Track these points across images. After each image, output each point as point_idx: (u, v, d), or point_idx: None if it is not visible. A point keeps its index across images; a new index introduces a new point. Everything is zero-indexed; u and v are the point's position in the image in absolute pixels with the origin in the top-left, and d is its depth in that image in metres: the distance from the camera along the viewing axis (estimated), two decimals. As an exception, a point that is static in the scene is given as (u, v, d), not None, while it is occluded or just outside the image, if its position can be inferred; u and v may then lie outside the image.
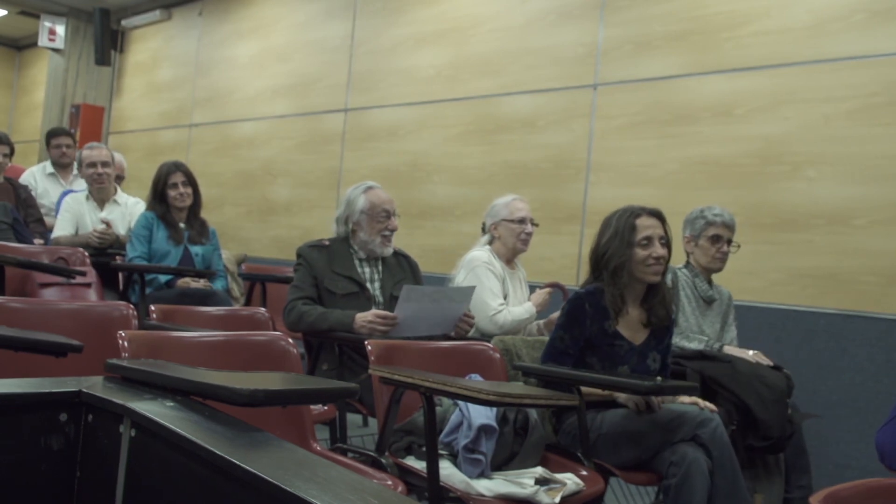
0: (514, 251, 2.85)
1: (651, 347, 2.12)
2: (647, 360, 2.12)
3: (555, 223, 4.01)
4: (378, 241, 2.63)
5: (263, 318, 2.41)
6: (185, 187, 3.37)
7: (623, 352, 2.14)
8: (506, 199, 2.89)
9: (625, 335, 2.15)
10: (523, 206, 2.87)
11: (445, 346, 2.24)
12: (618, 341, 2.14)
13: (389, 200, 2.66)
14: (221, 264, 3.52)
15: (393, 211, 2.65)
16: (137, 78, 6.87)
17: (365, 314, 2.44)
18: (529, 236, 2.84)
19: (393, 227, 2.64)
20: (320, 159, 5.21)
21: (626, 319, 2.15)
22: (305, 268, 2.57)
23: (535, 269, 3.15)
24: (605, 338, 2.14)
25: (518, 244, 2.85)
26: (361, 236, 2.64)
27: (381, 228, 2.62)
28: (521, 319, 2.73)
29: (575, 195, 3.96)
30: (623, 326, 2.15)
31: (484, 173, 4.31)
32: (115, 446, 1.01)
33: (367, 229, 2.63)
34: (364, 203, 2.63)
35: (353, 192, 2.67)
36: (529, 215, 2.85)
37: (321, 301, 2.54)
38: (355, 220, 2.64)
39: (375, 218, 2.62)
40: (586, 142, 3.95)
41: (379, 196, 2.64)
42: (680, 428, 1.96)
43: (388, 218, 2.63)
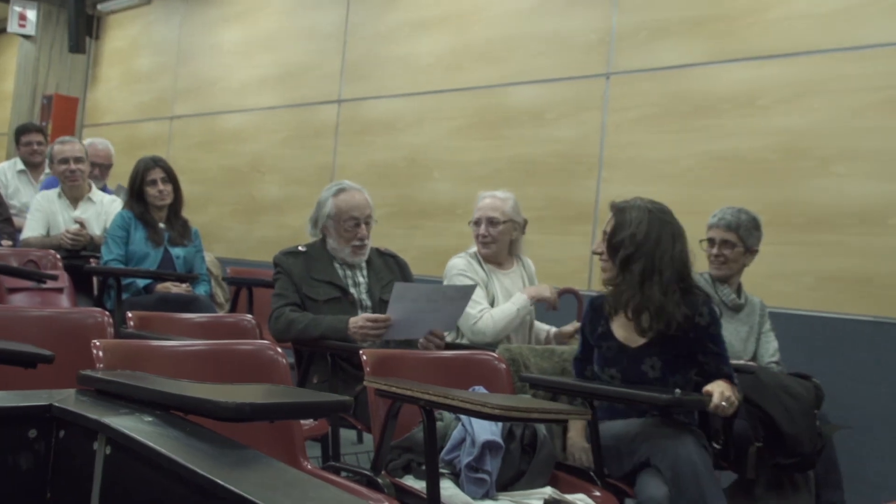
0: (485, 255, 2.82)
1: (650, 353, 2.11)
2: (641, 365, 2.11)
3: (564, 223, 4.01)
4: (347, 250, 2.63)
5: (250, 326, 2.41)
6: (164, 184, 3.37)
7: (612, 353, 2.15)
8: (480, 195, 2.89)
9: (617, 336, 2.15)
10: (482, 205, 2.84)
11: (446, 356, 2.23)
12: (607, 342, 2.16)
13: (360, 206, 2.63)
14: (204, 267, 3.51)
15: (364, 218, 2.62)
16: (114, 67, 6.88)
17: (356, 319, 2.44)
18: (485, 240, 2.80)
19: (362, 236, 2.62)
20: (312, 154, 5.21)
21: (622, 320, 2.15)
22: (284, 275, 2.59)
23: (542, 272, 3.14)
24: (598, 338, 2.18)
25: (479, 248, 2.84)
26: (331, 242, 2.66)
27: (349, 238, 2.62)
28: (509, 316, 2.71)
29: (586, 193, 3.96)
30: (618, 327, 2.16)
31: (488, 169, 4.31)
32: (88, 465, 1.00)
33: (334, 236, 2.64)
34: (331, 208, 2.63)
35: (324, 194, 2.67)
36: (487, 214, 2.80)
37: (304, 309, 2.55)
38: (323, 225, 2.65)
39: (342, 226, 2.61)
40: (598, 136, 3.94)
41: (348, 201, 2.62)
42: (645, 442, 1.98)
43: (356, 226, 2.62)
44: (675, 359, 2.11)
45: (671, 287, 2.07)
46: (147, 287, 3.25)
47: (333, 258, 2.65)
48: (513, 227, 2.85)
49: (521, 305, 2.74)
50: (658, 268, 2.07)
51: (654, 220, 2.09)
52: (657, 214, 2.11)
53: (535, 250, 3.56)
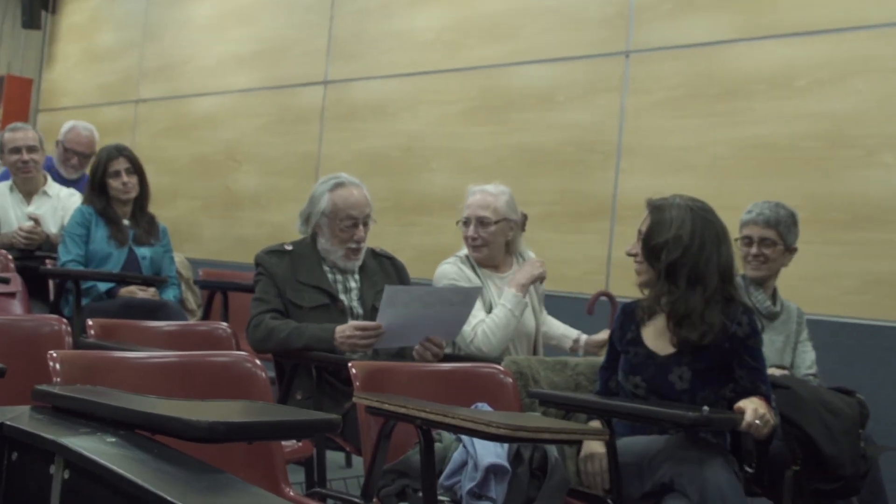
0: (478, 259, 2.80)
1: (679, 363, 2.13)
2: (669, 374, 2.13)
3: (578, 220, 4.01)
4: (341, 253, 2.63)
5: (225, 335, 2.41)
6: (129, 176, 3.37)
7: (638, 360, 2.16)
8: (470, 190, 2.86)
9: (647, 342, 2.17)
10: (471, 202, 2.81)
11: (446, 369, 2.24)
12: (635, 348, 2.17)
13: (359, 204, 2.62)
14: (174, 269, 3.51)
15: (362, 218, 2.62)
16: (73, 44, 6.88)
17: (343, 327, 2.45)
18: (475, 243, 2.78)
19: (359, 238, 2.62)
20: (294, 142, 5.21)
21: (655, 326, 2.17)
22: (266, 277, 2.58)
23: (551, 275, 3.14)
24: (626, 344, 2.20)
25: (470, 251, 2.82)
26: (323, 242, 2.65)
27: (345, 239, 2.61)
28: (504, 322, 2.68)
29: (602, 185, 3.96)
30: (649, 333, 2.18)
31: (491, 159, 4.31)
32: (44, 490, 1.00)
33: (328, 235, 2.63)
34: (326, 204, 2.62)
35: (319, 188, 2.66)
36: (477, 213, 2.77)
37: (288, 316, 2.55)
38: (316, 223, 2.64)
39: (337, 225, 2.61)
40: (616, 121, 3.95)
41: (346, 198, 2.61)
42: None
43: (353, 227, 2.61)
44: (706, 371, 2.12)
45: (715, 296, 2.09)
46: (109, 291, 3.25)
47: (323, 260, 2.65)
48: (507, 226, 2.82)
49: (512, 304, 2.71)
50: (703, 274, 2.08)
51: (697, 220, 2.11)
52: (700, 213, 2.12)
53: (545, 251, 3.56)
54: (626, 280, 3.77)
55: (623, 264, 3.88)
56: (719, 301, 2.10)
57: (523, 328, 2.80)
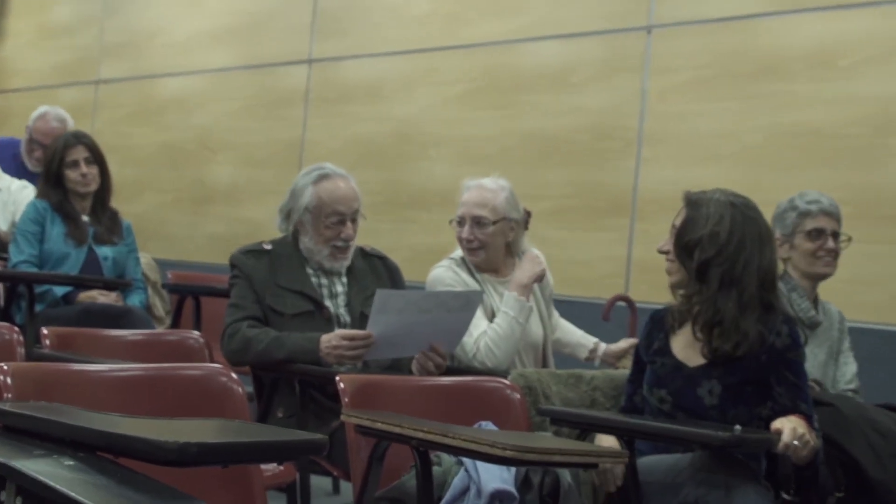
0: (475, 263, 2.79)
1: (709, 375, 2.13)
2: (697, 388, 2.14)
3: (594, 216, 4.01)
4: (325, 252, 2.63)
5: (197, 346, 2.42)
6: (89, 166, 3.37)
7: (665, 371, 2.18)
8: (465, 185, 2.84)
9: (675, 352, 2.18)
10: (466, 199, 2.79)
11: (445, 383, 2.24)
12: (662, 358, 2.19)
13: (347, 198, 2.62)
14: (139, 272, 3.51)
15: (350, 214, 2.62)
16: (25, 18, 6.87)
17: (329, 336, 2.45)
18: (471, 245, 2.76)
19: (347, 236, 2.62)
20: (275, 128, 5.21)
21: (685, 335, 2.18)
22: (243, 281, 2.59)
23: (564, 278, 3.15)
24: (653, 353, 2.21)
25: (466, 255, 2.80)
26: (305, 241, 2.65)
27: (331, 237, 2.61)
28: (508, 331, 2.67)
29: (622, 177, 3.96)
30: (678, 342, 2.19)
31: (497, 147, 4.31)
32: (-7, 521, 1.00)
33: (311, 234, 2.63)
34: (310, 198, 2.62)
35: (301, 180, 2.66)
36: (472, 212, 2.75)
37: (267, 324, 2.55)
38: (298, 219, 2.64)
39: (322, 222, 2.61)
40: (637, 104, 3.94)
41: (332, 192, 2.61)
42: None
43: (340, 224, 2.61)
44: (739, 386, 2.13)
45: (752, 302, 2.10)
46: (67, 296, 3.25)
47: (306, 261, 2.65)
48: (507, 226, 2.79)
49: (515, 310, 2.70)
50: (740, 277, 2.10)
51: (738, 217, 2.12)
52: (742, 210, 2.14)
53: (557, 250, 3.56)
54: (648, 283, 3.80)
55: (645, 266, 3.88)
56: (756, 308, 2.11)
57: (529, 337, 2.80)
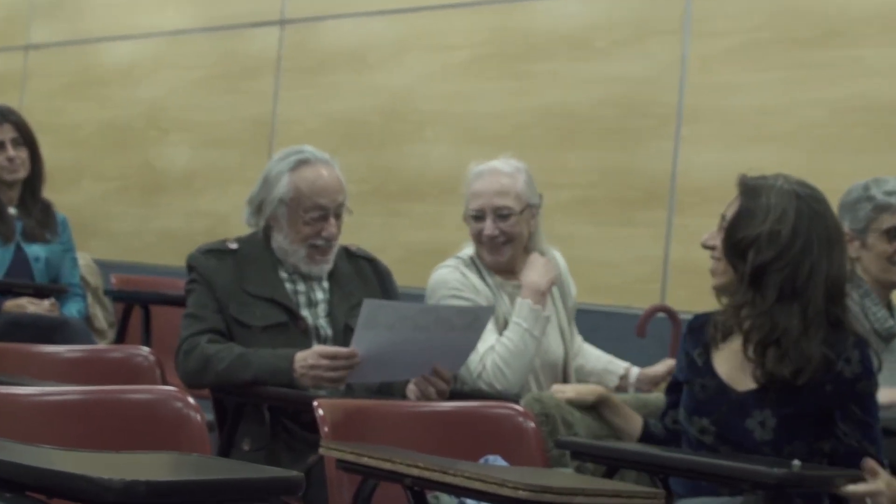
0: (493, 263, 2.80)
1: (761, 404, 2.12)
2: (746, 418, 2.13)
3: (624, 208, 4.01)
4: (303, 253, 2.63)
5: (146, 364, 2.42)
6: (16, 149, 3.37)
7: (706, 395, 2.17)
8: (473, 171, 2.85)
9: (719, 371, 2.17)
10: (482, 189, 2.78)
11: (445, 409, 2.25)
12: (702, 378, 2.18)
13: (330, 189, 2.62)
14: (77, 275, 3.51)
15: (334, 208, 2.62)
16: (-61, -30, 6.86)
17: (305, 354, 2.44)
18: (493, 241, 2.76)
19: (329, 234, 2.62)
20: (241, 103, 5.20)
21: (731, 350, 2.17)
22: (203, 286, 2.59)
23: (588, 283, 3.14)
24: (692, 372, 2.20)
25: (484, 254, 2.81)
26: (279, 240, 2.65)
27: (310, 235, 2.62)
28: (522, 346, 2.67)
29: (657, 161, 3.96)
30: (723, 359, 2.18)
31: (507, 126, 4.31)
32: None
33: (286, 231, 2.63)
34: (286, 188, 2.62)
35: (276, 166, 2.67)
36: (493, 203, 2.75)
37: (232, 338, 2.55)
38: (271, 213, 2.64)
39: (300, 217, 2.61)
40: (676, 74, 3.94)
41: (313, 182, 2.62)
42: None
43: (321, 219, 2.61)
44: (798, 418, 2.12)
45: (818, 319, 2.09)
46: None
47: (280, 263, 2.66)
48: (530, 214, 2.82)
49: (530, 322, 2.70)
50: (803, 288, 2.08)
51: (804, 211, 2.10)
52: (808, 203, 2.12)
53: (579, 250, 3.56)
54: (689, 289, 3.78)
55: (685, 268, 3.88)
56: (822, 326, 2.09)
57: (547, 355, 2.80)
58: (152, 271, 4.86)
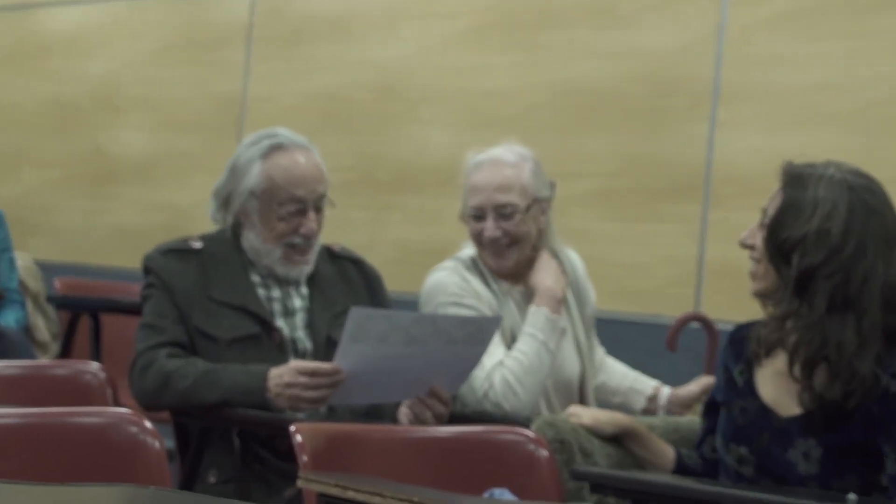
0: (498, 267, 2.82)
1: (806, 432, 2.13)
2: (789, 448, 2.13)
3: (653, 200, 4.02)
4: (278, 253, 2.64)
5: (96, 382, 2.41)
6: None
7: (746, 420, 2.17)
8: (471, 162, 2.86)
9: (762, 393, 2.18)
10: (481, 182, 2.80)
11: (443, 435, 2.25)
12: (743, 400, 2.19)
13: (309, 179, 2.64)
14: (15, 279, 3.52)
15: (313, 201, 2.64)
16: None
17: (280, 370, 2.45)
18: (496, 244, 2.78)
19: (309, 231, 2.64)
20: (206, 78, 5.22)
21: (775, 368, 2.18)
22: (161, 292, 2.60)
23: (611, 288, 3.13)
24: (731, 392, 2.21)
25: (486, 257, 2.82)
26: (251, 238, 2.67)
27: (286, 232, 2.63)
28: (535, 360, 2.68)
29: (690, 146, 3.97)
30: (766, 379, 2.19)
31: (517, 105, 4.32)
32: None
33: (259, 227, 2.65)
34: (258, 178, 2.64)
35: (246, 152, 2.68)
36: (495, 200, 2.76)
37: (195, 353, 2.56)
38: (240, 207, 2.66)
39: (274, 211, 2.62)
40: (712, 45, 3.95)
41: (290, 170, 2.64)
42: None
43: (299, 214, 2.63)
44: (847, 450, 2.12)
45: (874, 333, 2.08)
46: (-86, 314, 3.27)
47: (251, 265, 2.67)
48: (539, 210, 2.83)
49: (546, 333, 2.71)
50: (857, 296, 2.08)
51: (857, 207, 2.10)
52: (862, 197, 2.11)
53: (600, 249, 3.57)
54: (728, 294, 3.79)
55: (723, 270, 3.88)
56: (877, 342, 2.09)
57: (561, 372, 2.81)
58: (103, 274, 4.86)
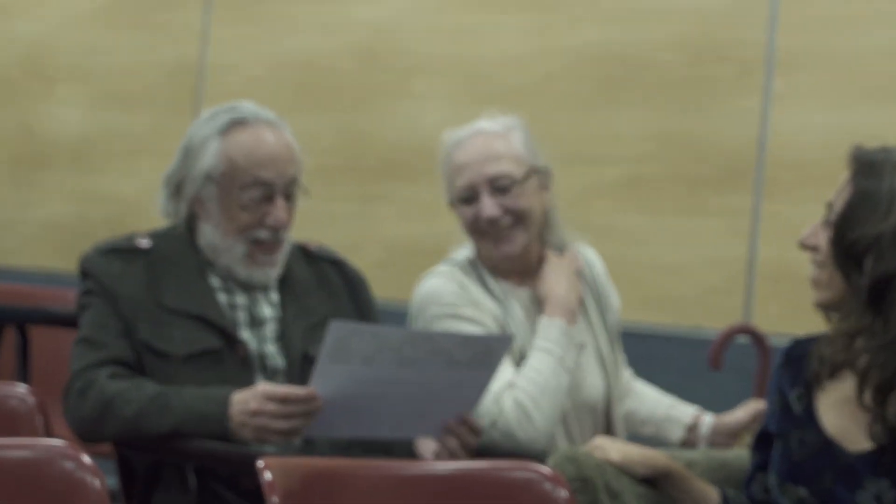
0: (503, 259, 2.84)
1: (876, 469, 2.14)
2: (857, 489, 2.14)
3: (694, 188, 4.04)
4: (240, 250, 2.66)
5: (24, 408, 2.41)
6: None
7: (807, 455, 2.18)
8: (450, 141, 2.90)
9: (825, 424, 2.19)
10: (466, 157, 2.83)
11: (444, 471, 2.26)
12: (801, 431, 2.20)
13: (276, 158, 2.66)
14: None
15: (282, 185, 2.66)
16: None
17: (245, 396, 2.45)
18: (496, 225, 2.80)
19: (277, 221, 2.65)
20: (155, 43, 5.23)
21: (841, 393, 2.18)
22: (102, 300, 2.61)
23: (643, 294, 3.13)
24: (787, 422, 2.21)
25: (488, 248, 2.85)
26: (208, 233, 2.69)
27: (249, 223, 2.65)
28: (551, 379, 2.70)
29: (739, 124, 3.98)
30: (829, 408, 2.19)
31: (527, 75, 4.34)
32: None
33: (218, 219, 2.67)
34: (215, 159, 2.66)
35: (201, 130, 2.71)
36: (486, 172, 2.79)
37: (143, 372, 2.57)
38: (195, 196, 2.68)
39: (236, 198, 2.64)
40: (765, 4, 3.97)
41: (252, 147, 2.66)
42: None
43: (265, 201, 2.65)
44: None
45: None
46: None
47: (210, 266, 2.69)
48: (538, 183, 2.86)
49: (563, 348, 2.72)
50: None
51: None
52: None
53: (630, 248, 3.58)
54: (784, 303, 3.80)
55: (778, 273, 3.89)
56: None
57: (581, 392, 2.82)
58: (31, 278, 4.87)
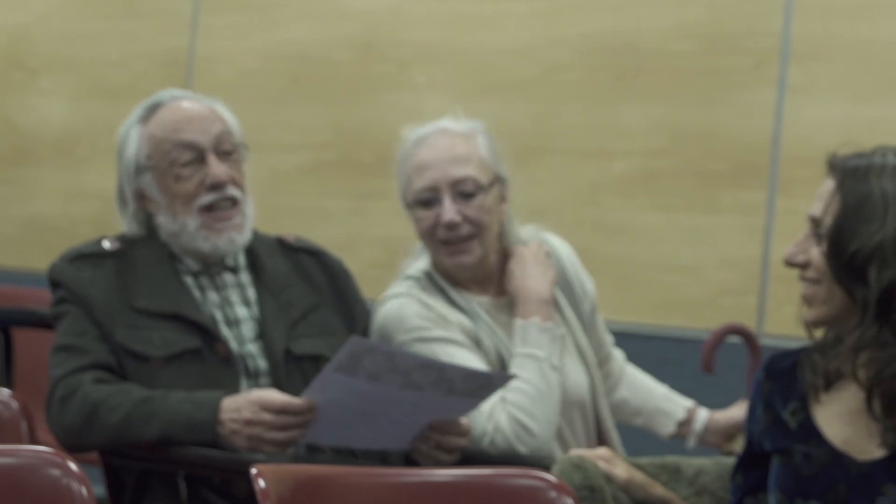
0: (456, 269, 2.85)
1: (893, 476, 2.14)
2: (876, 496, 2.14)
3: (706, 184, 4.04)
4: (194, 225, 2.68)
5: (7, 414, 2.42)
6: None
7: (813, 469, 2.18)
8: (410, 138, 2.91)
9: (828, 435, 2.19)
10: (427, 157, 2.83)
11: (444, 477, 2.26)
12: (803, 444, 2.19)
13: (196, 118, 2.71)
14: None
15: (212, 143, 2.69)
16: None
17: (237, 403, 2.46)
18: (454, 231, 2.79)
19: (216, 179, 2.67)
20: (143, 33, 5.24)
21: (841, 404, 2.19)
22: (76, 307, 2.63)
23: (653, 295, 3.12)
24: (784, 437, 2.21)
25: (441, 256, 2.85)
26: (163, 223, 2.72)
27: (191, 192, 2.67)
28: (542, 386, 2.71)
29: (753, 117, 3.99)
30: (830, 418, 2.20)
31: (532, 66, 4.34)
32: None
33: (165, 204, 2.70)
34: (138, 143, 2.71)
35: (123, 128, 2.77)
36: (450, 175, 2.79)
37: (125, 376, 2.58)
38: (135, 191, 2.73)
39: (169, 174, 2.68)
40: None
41: (170, 118, 2.71)
42: None
43: (197, 162, 2.68)
44: None
45: None
46: None
47: (178, 261, 2.71)
48: (499, 192, 2.87)
49: (546, 349, 2.73)
50: None
51: None
52: None
53: (636, 246, 3.58)
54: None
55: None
56: None
57: (565, 392, 2.82)
58: (13, 279, 4.87)
